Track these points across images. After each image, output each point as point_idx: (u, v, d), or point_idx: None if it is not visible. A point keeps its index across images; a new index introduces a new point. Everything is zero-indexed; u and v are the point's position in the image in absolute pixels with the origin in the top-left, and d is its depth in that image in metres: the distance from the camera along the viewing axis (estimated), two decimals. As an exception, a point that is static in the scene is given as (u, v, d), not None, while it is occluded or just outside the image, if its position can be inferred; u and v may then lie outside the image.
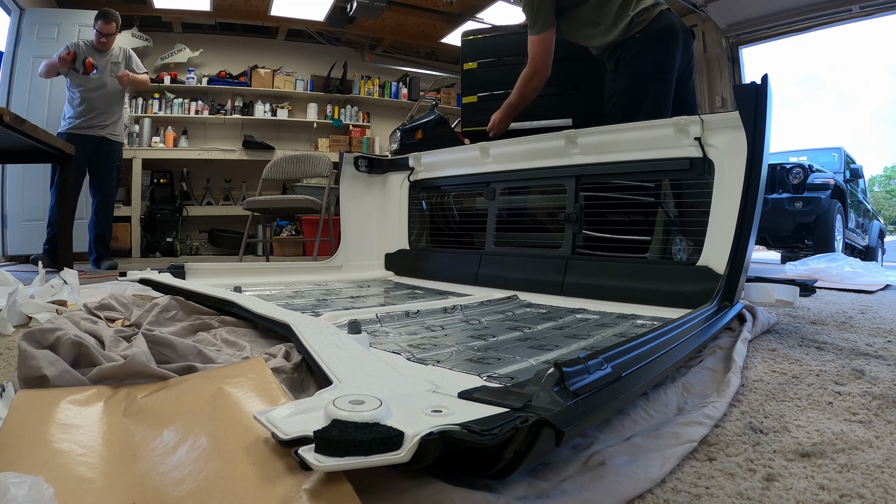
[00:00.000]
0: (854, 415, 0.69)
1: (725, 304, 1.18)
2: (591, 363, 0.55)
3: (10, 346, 0.98)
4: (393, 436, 0.36)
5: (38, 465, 0.42)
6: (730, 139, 1.38)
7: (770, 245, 5.16)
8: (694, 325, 0.94)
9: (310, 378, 0.71)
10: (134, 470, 0.42)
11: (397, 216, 2.37)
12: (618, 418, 0.63)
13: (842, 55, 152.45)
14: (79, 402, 0.54)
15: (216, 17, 4.92)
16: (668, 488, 0.49)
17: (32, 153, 2.18)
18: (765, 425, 0.65)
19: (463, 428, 0.38)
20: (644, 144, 1.57)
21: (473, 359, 0.83)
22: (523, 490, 0.45)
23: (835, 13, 4.50)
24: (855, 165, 5.43)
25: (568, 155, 1.76)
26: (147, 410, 0.52)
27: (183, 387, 0.58)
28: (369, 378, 0.56)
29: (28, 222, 3.72)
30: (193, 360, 0.69)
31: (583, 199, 1.71)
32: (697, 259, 1.42)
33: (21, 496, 0.32)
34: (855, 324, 1.44)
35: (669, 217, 1.65)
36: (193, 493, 0.37)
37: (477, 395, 0.48)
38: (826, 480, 0.50)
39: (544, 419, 0.41)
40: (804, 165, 4.43)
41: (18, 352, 0.61)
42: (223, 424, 0.47)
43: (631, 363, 0.63)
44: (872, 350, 1.09)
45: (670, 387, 0.76)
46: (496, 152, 1.97)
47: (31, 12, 3.89)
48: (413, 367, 0.77)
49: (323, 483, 0.36)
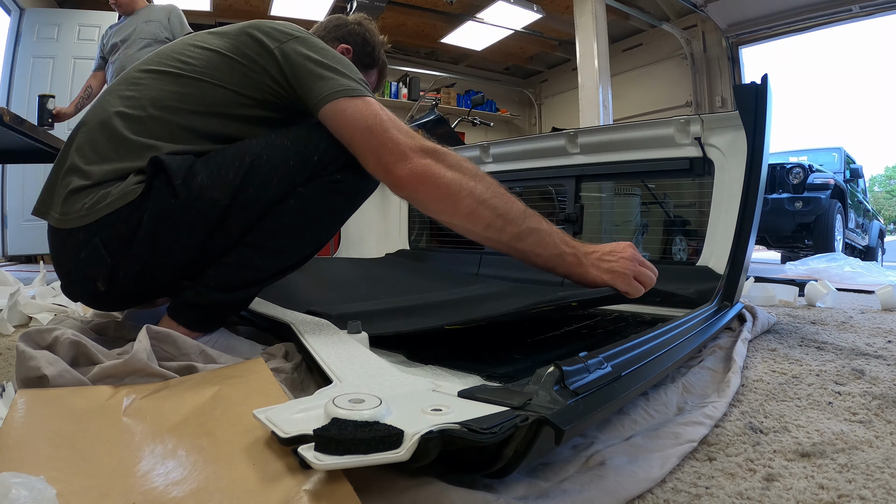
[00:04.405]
0: (854, 415, 0.69)
1: (725, 304, 1.18)
2: (591, 362, 0.55)
3: (10, 346, 0.98)
4: (393, 434, 0.36)
5: (39, 465, 0.42)
6: (730, 139, 1.38)
7: (770, 245, 5.16)
8: (694, 325, 0.94)
9: (310, 378, 0.71)
10: (134, 470, 0.42)
11: (397, 216, 2.37)
12: (618, 418, 0.63)
13: (842, 55, 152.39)
14: (79, 401, 0.54)
15: (216, 17, 4.93)
16: (669, 488, 0.49)
17: (32, 153, 2.18)
18: (765, 425, 0.65)
19: (463, 426, 0.38)
20: (644, 144, 1.57)
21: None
22: (523, 490, 0.45)
23: (835, 13, 4.51)
24: (855, 165, 5.43)
25: (568, 155, 1.76)
26: (147, 411, 0.52)
27: (183, 387, 0.58)
28: (369, 377, 0.56)
29: (28, 222, 3.73)
30: (196, 358, 0.69)
31: (583, 199, 1.71)
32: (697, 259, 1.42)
33: (23, 496, 0.32)
34: (855, 324, 1.44)
35: (669, 217, 1.66)
36: (194, 493, 0.37)
37: (477, 393, 0.48)
38: (826, 480, 0.50)
39: (544, 418, 0.41)
40: (804, 165, 4.43)
41: (17, 353, 0.61)
42: (223, 424, 0.48)
43: (631, 362, 0.63)
44: (872, 350, 1.09)
45: (670, 387, 0.76)
46: (496, 152, 1.97)
47: (31, 12, 3.89)
48: (413, 366, 0.77)
49: (323, 483, 0.36)
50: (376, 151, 0.77)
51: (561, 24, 5.44)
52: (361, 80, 0.83)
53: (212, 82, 0.80)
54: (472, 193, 0.77)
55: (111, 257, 0.74)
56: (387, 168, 0.77)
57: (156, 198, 0.73)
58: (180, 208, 0.73)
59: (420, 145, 0.78)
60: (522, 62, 6.86)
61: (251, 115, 0.83)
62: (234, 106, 0.82)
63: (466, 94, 6.41)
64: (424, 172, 0.76)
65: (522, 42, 6.10)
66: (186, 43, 0.85)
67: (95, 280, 0.76)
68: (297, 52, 0.81)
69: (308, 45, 0.83)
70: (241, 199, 0.75)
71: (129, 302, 0.85)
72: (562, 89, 6.81)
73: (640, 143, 1.57)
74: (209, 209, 0.74)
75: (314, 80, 0.80)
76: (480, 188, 0.78)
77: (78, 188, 0.74)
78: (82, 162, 0.76)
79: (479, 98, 3.61)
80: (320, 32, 1.11)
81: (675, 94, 5.50)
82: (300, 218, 0.81)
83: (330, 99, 0.78)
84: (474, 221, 0.79)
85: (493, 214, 0.78)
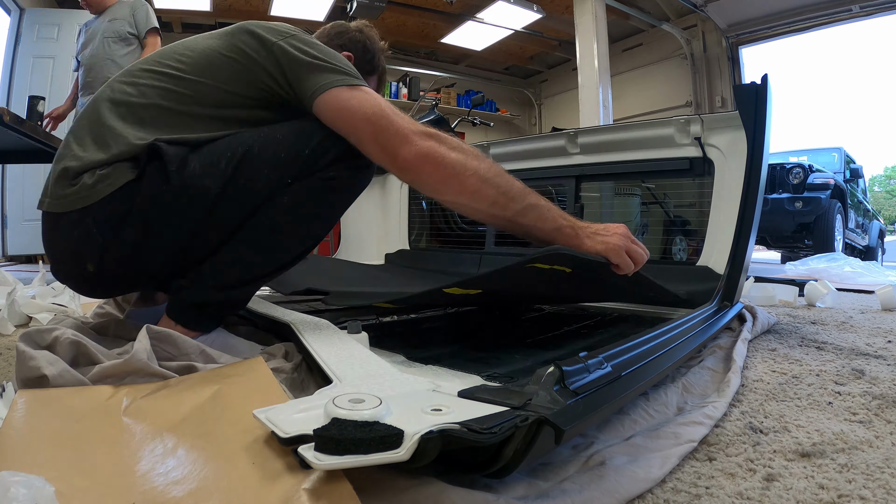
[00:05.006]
0: (854, 415, 0.69)
1: (725, 304, 1.18)
2: (590, 362, 0.55)
3: (10, 346, 0.98)
4: (392, 434, 0.36)
5: (39, 464, 0.42)
6: (730, 139, 1.38)
7: (770, 245, 5.16)
8: (694, 325, 0.94)
9: (310, 378, 0.71)
10: (134, 470, 0.42)
11: (397, 216, 2.37)
12: (618, 418, 0.63)
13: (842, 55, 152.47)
14: (79, 401, 0.54)
15: (216, 17, 4.93)
16: (669, 488, 0.49)
17: (32, 153, 2.18)
18: (765, 425, 0.65)
19: (463, 426, 0.38)
20: (644, 144, 1.57)
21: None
22: (523, 490, 0.45)
23: (835, 13, 4.51)
24: (855, 165, 5.43)
25: (568, 155, 1.76)
26: (147, 410, 0.52)
27: (183, 387, 0.58)
28: (369, 377, 0.56)
29: (28, 222, 3.73)
30: (195, 358, 0.69)
31: (583, 199, 1.71)
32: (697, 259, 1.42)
33: (22, 495, 0.32)
34: (855, 324, 1.44)
35: (669, 217, 1.66)
36: (193, 493, 0.37)
37: (477, 393, 0.48)
38: (826, 480, 0.50)
39: (544, 418, 0.41)
40: (804, 165, 4.43)
41: (17, 353, 0.61)
42: (223, 424, 0.48)
43: (631, 362, 0.63)
44: (872, 350, 1.09)
45: (670, 387, 0.76)
46: (496, 152, 1.98)
47: (31, 12, 3.89)
48: (413, 366, 0.77)
49: (323, 482, 0.36)
50: (378, 137, 0.78)
51: (561, 24, 5.44)
52: (356, 73, 0.84)
53: (209, 83, 0.81)
54: (477, 172, 0.79)
55: (102, 237, 0.75)
56: (391, 152, 0.78)
57: (149, 182, 0.74)
58: (172, 194, 0.74)
59: (421, 129, 0.79)
60: (522, 62, 6.86)
61: (248, 116, 0.84)
62: (231, 106, 0.82)
63: (466, 94, 6.41)
64: (429, 153, 0.77)
65: (522, 42, 6.10)
66: (186, 45, 0.86)
67: (85, 261, 0.77)
68: (293, 47, 0.82)
69: (305, 42, 0.84)
70: (233, 189, 0.77)
71: (117, 287, 0.85)
72: (562, 89, 6.81)
73: (640, 143, 1.57)
74: (201, 197, 0.76)
75: (309, 72, 0.81)
76: (483, 167, 0.80)
77: (69, 173, 0.76)
78: (76, 149, 0.78)
79: (479, 98, 3.61)
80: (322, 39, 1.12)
81: (675, 94, 5.50)
82: (294, 214, 0.82)
83: (325, 89, 0.79)
84: (479, 199, 0.80)
85: (497, 192, 0.80)
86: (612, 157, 1.66)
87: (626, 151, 1.62)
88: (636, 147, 1.59)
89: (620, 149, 1.63)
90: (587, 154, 1.71)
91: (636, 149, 1.59)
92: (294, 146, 0.80)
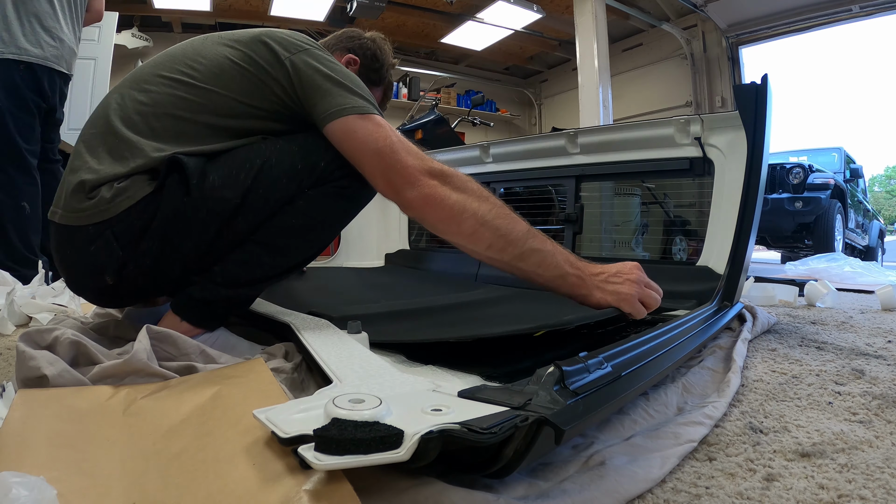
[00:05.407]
0: (854, 415, 0.69)
1: (725, 304, 1.18)
2: (591, 362, 0.55)
3: (10, 346, 0.98)
4: (393, 434, 0.36)
5: (39, 464, 0.42)
6: (730, 139, 1.38)
7: (770, 245, 5.16)
8: (694, 325, 0.94)
9: (310, 378, 0.71)
10: (134, 470, 0.42)
11: (397, 216, 2.37)
12: (618, 418, 0.63)
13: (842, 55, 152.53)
14: (79, 401, 0.54)
15: (216, 17, 4.92)
16: (668, 488, 0.49)
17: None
18: (765, 425, 0.66)
19: (463, 427, 0.38)
20: (644, 144, 1.57)
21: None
22: (523, 490, 0.45)
23: (835, 13, 4.51)
24: (855, 165, 5.43)
25: (568, 155, 1.76)
26: (147, 411, 0.52)
27: (183, 387, 0.58)
28: (369, 377, 0.56)
29: (28, 222, 3.71)
30: (196, 358, 0.69)
31: (583, 199, 1.71)
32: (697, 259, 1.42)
33: (23, 496, 0.32)
34: (855, 324, 1.44)
35: (669, 217, 1.66)
36: (193, 493, 0.37)
37: (477, 393, 0.48)
38: (826, 480, 0.50)
39: (544, 418, 0.41)
40: (804, 165, 4.43)
41: (17, 353, 0.61)
42: (223, 424, 0.48)
43: (631, 362, 0.63)
44: (872, 350, 1.09)
45: (670, 387, 0.76)
46: (496, 152, 1.98)
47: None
48: (413, 367, 0.77)
49: (323, 483, 0.36)
50: (386, 174, 0.80)
51: (561, 24, 5.44)
52: (370, 97, 0.85)
53: (220, 92, 0.82)
54: (475, 215, 0.80)
55: (123, 250, 0.76)
56: (396, 191, 0.80)
57: (169, 195, 0.75)
58: (193, 206, 0.76)
59: (428, 167, 0.80)
60: (522, 62, 6.86)
61: (261, 127, 0.85)
62: (244, 117, 0.83)
63: (466, 94, 6.42)
64: (431, 195, 0.79)
65: (522, 42, 6.10)
66: (197, 50, 0.86)
67: (104, 273, 0.77)
68: (306, 64, 0.83)
69: (318, 59, 0.84)
70: (251, 199, 0.79)
71: (135, 297, 0.86)
72: (562, 89, 6.81)
73: (640, 143, 1.57)
74: (221, 208, 0.77)
75: (322, 95, 0.81)
76: (484, 209, 0.81)
77: (86, 186, 0.76)
78: (91, 161, 0.78)
79: (479, 98, 3.61)
80: (332, 41, 1.12)
81: (675, 94, 5.50)
82: (306, 219, 0.83)
83: (337, 116, 0.80)
84: (476, 242, 0.82)
85: (495, 235, 0.81)
86: (612, 157, 1.66)
87: (626, 151, 1.62)
88: (636, 147, 1.59)
89: (620, 149, 1.63)
90: (587, 154, 1.71)
91: (636, 149, 1.59)
92: (310, 158, 0.82)
